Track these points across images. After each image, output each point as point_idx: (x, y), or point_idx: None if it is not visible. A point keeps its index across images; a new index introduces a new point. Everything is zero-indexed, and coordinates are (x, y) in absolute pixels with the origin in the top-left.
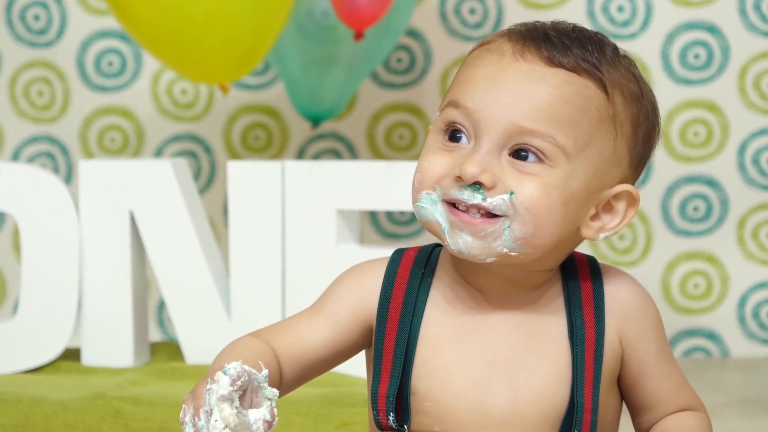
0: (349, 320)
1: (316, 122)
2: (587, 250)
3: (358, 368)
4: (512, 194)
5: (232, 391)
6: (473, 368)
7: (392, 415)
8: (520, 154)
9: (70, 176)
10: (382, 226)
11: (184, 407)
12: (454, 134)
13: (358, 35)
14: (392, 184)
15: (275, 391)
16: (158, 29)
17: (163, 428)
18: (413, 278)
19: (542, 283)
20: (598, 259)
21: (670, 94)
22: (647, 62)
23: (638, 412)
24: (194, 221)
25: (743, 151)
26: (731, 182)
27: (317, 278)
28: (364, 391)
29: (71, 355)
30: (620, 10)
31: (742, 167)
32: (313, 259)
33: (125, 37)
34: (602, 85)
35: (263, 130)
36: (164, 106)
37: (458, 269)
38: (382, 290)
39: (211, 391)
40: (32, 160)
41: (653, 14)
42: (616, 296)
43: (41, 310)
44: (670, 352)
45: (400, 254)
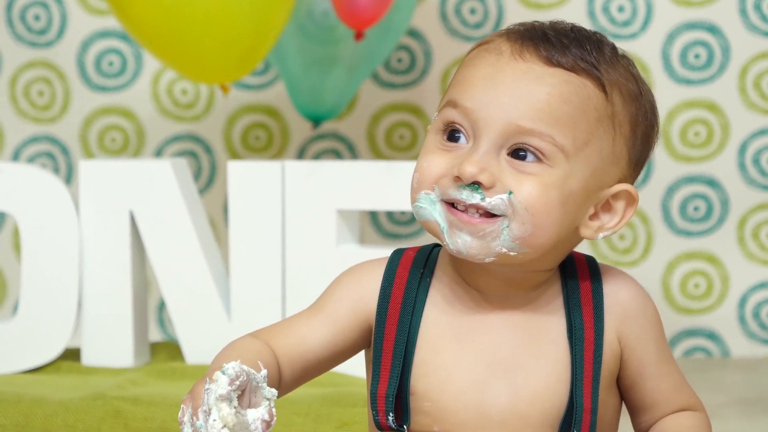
0: (348, 320)
1: (317, 122)
2: (588, 250)
3: (358, 368)
4: (511, 194)
5: (230, 390)
6: (472, 368)
7: (391, 415)
8: (518, 153)
9: (70, 176)
10: (382, 226)
11: (182, 407)
12: (452, 134)
13: (358, 35)
14: (392, 184)
15: (274, 391)
16: (159, 29)
17: (163, 428)
18: (412, 278)
19: (541, 283)
20: (598, 259)
21: (670, 94)
22: (648, 62)
23: (637, 412)
24: (194, 221)
25: (744, 151)
26: (732, 182)
27: (317, 278)
28: (364, 391)
29: (71, 355)
30: (621, 10)
31: (742, 167)
32: (313, 259)
33: (126, 37)
34: (601, 84)
35: (264, 130)
36: (165, 106)
37: (457, 269)
38: (381, 290)
39: (209, 390)
40: (32, 160)
41: (654, 14)
42: (615, 296)
43: (41, 310)
44: (669, 352)
45: (399, 254)
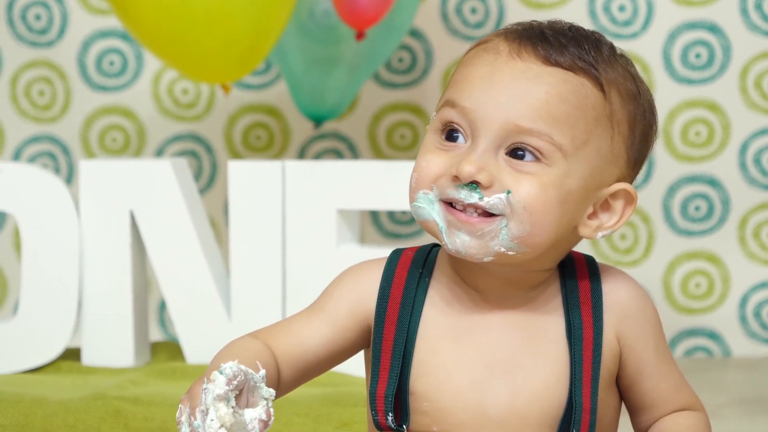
0: (347, 320)
1: (318, 122)
2: (589, 249)
3: (358, 368)
4: (509, 193)
5: (228, 390)
6: (471, 368)
7: (391, 415)
8: (517, 153)
9: (71, 176)
10: (383, 225)
11: (180, 407)
12: (450, 134)
13: (359, 35)
14: (393, 183)
15: (271, 391)
16: (160, 29)
17: (163, 428)
18: (411, 278)
19: (540, 282)
20: (599, 258)
21: (671, 93)
22: (648, 62)
23: (637, 411)
24: (194, 221)
25: (744, 150)
26: (732, 182)
27: (317, 278)
28: (364, 390)
29: (71, 355)
30: (621, 9)
31: (743, 167)
32: (313, 259)
33: (126, 36)
34: (599, 83)
35: (264, 129)
36: (165, 105)
37: (456, 269)
38: (380, 290)
39: (207, 390)
40: (33, 159)
41: (654, 14)
42: (614, 296)
43: (41, 310)
44: (668, 351)
45: (398, 254)
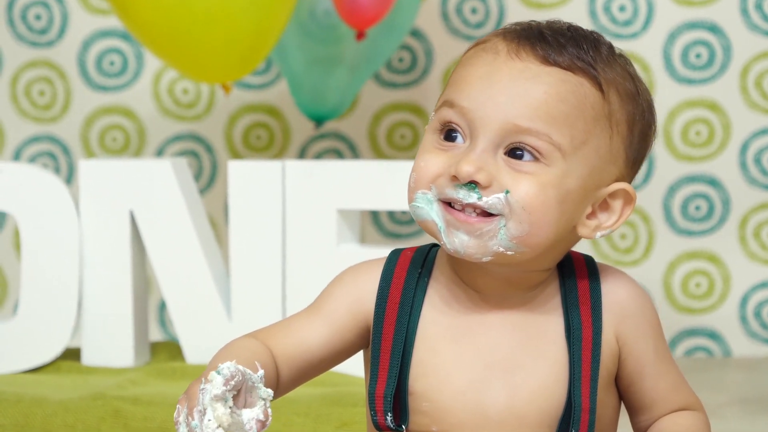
0: (346, 321)
1: (319, 122)
2: (589, 249)
3: (357, 368)
4: (508, 193)
5: (225, 390)
6: (470, 368)
7: (390, 415)
8: (515, 152)
9: (71, 176)
10: (383, 225)
11: (178, 407)
12: (449, 134)
13: (359, 35)
14: (393, 183)
15: (269, 391)
16: (160, 28)
17: (162, 428)
18: (410, 278)
19: (539, 282)
20: (599, 258)
21: (671, 93)
22: (649, 62)
23: (636, 411)
24: (194, 221)
25: (745, 150)
26: (733, 182)
27: (317, 278)
28: (363, 390)
29: (71, 355)
30: (622, 9)
31: (743, 167)
32: (313, 259)
33: (127, 36)
34: (597, 83)
35: (265, 129)
36: (166, 105)
37: (455, 269)
38: (378, 290)
39: (204, 390)
40: (33, 159)
41: (655, 14)
42: (613, 295)
43: (41, 310)
44: (668, 351)
45: (396, 254)
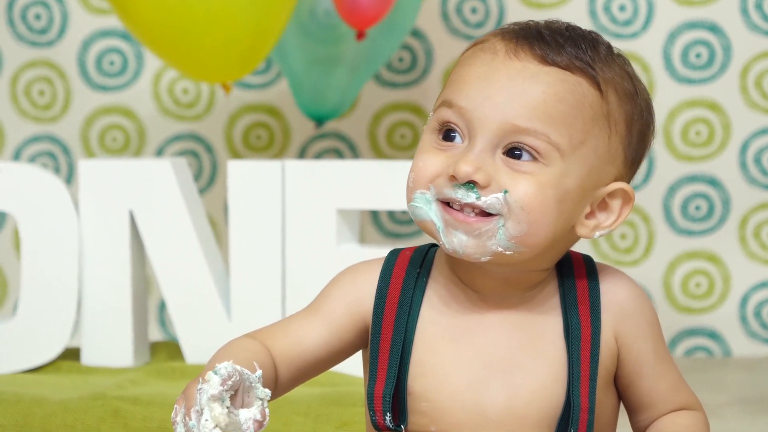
0: (344, 321)
1: (320, 122)
2: (589, 249)
3: (357, 368)
4: (506, 193)
5: (222, 390)
6: (469, 368)
7: (389, 415)
8: (514, 152)
9: (71, 176)
10: (383, 225)
11: (175, 407)
12: (447, 134)
13: (360, 35)
14: (393, 183)
15: (267, 391)
16: (160, 28)
17: (162, 428)
18: (408, 278)
19: (538, 282)
20: (599, 258)
21: (671, 93)
22: (649, 61)
23: (635, 411)
24: (194, 221)
25: (745, 150)
26: (733, 182)
27: (317, 278)
28: (363, 390)
29: (71, 354)
30: (622, 9)
31: (743, 166)
32: (313, 259)
33: (126, 36)
34: (596, 83)
35: (265, 129)
36: (166, 105)
37: (454, 269)
38: (377, 291)
39: (202, 390)
40: (33, 159)
41: (655, 13)
42: (612, 295)
43: (41, 310)
44: (666, 351)
45: (395, 254)
